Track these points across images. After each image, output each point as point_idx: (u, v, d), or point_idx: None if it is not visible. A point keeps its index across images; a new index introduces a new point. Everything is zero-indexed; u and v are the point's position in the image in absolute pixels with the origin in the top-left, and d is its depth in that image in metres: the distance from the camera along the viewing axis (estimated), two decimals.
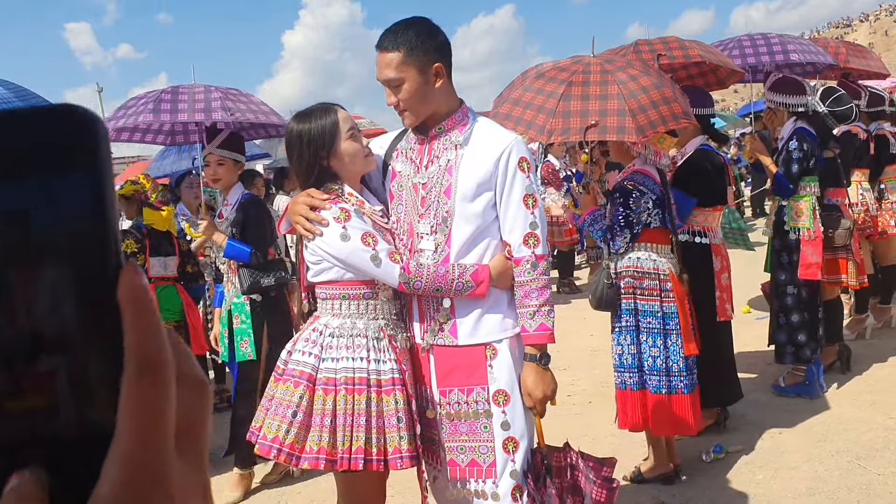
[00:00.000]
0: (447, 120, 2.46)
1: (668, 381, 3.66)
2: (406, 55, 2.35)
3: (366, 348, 2.43)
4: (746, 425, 4.51)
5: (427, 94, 2.40)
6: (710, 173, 4.26)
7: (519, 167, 2.40)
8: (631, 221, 3.65)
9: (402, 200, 2.54)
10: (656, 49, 4.56)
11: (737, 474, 3.94)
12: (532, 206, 2.41)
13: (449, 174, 2.43)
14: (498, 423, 2.46)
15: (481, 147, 2.42)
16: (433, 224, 2.45)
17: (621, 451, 4.14)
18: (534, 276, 2.41)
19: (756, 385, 5.18)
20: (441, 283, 2.38)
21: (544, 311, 2.41)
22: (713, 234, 4.34)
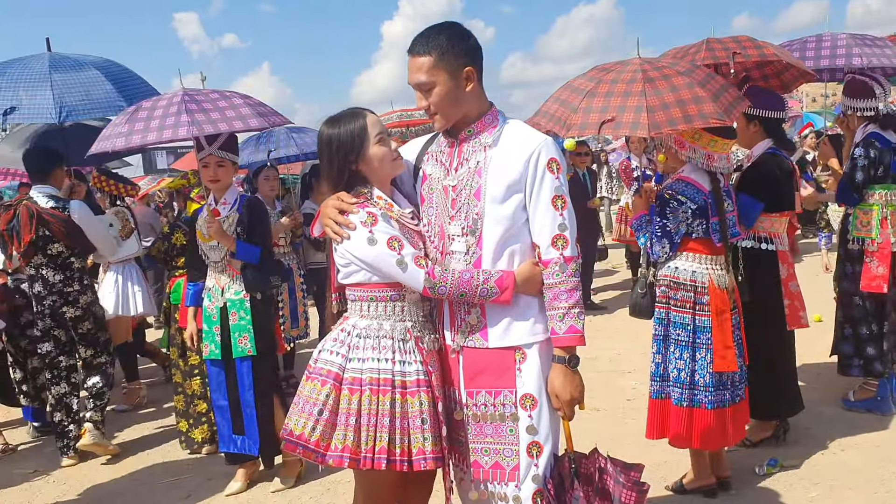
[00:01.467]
0: (477, 122, 2.49)
1: (691, 394, 3.59)
2: (437, 59, 2.39)
3: (391, 349, 2.47)
4: (807, 439, 4.36)
5: (458, 98, 2.43)
6: (777, 178, 4.12)
7: (548, 168, 2.40)
8: (669, 231, 3.59)
9: (432, 203, 2.56)
10: (729, 47, 4.43)
11: (789, 490, 3.82)
12: (561, 207, 2.41)
13: (479, 176, 2.45)
14: (524, 427, 2.47)
15: (510, 148, 2.43)
16: (464, 226, 2.47)
17: (672, 459, 4.09)
18: (562, 279, 2.41)
19: (824, 398, 4.99)
20: (466, 288, 2.40)
21: (574, 313, 2.41)
22: (780, 241, 4.20)
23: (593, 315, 8.16)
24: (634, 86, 3.38)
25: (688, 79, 3.41)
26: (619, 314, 7.86)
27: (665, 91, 3.34)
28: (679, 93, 3.33)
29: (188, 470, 4.80)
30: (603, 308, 8.45)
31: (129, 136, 4.07)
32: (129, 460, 5.04)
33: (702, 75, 3.50)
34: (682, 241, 3.63)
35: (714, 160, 3.59)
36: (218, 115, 4.02)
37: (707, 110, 3.28)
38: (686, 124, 3.28)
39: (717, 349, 3.55)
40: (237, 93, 4.39)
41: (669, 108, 3.28)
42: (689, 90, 3.34)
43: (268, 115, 4.24)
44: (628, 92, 3.36)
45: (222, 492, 4.34)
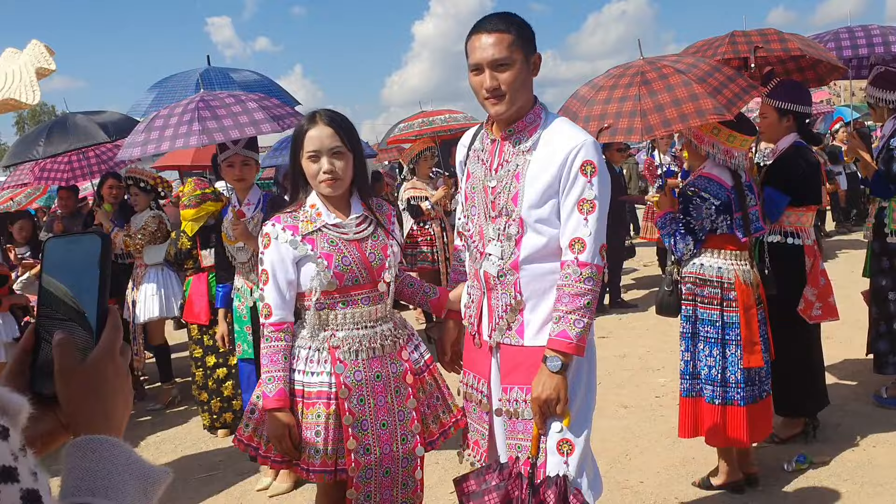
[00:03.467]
0: (518, 122, 2.45)
1: (723, 391, 3.58)
2: (517, 37, 2.36)
3: (303, 359, 2.59)
4: (837, 436, 4.31)
5: (525, 82, 2.40)
6: (803, 171, 4.08)
7: (581, 171, 2.34)
8: (693, 228, 3.58)
9: (474, 202, 2.57)
10: (753, 41, 4.39)
11: (819, 486, 3.79)
12: (587, 211, 2.35)
13: (517, 181, 2.42)
14: (554, 425, 2.44)
15: (549, 151, 2.39)
16: (500, 230, 2.45)
17: (700, 455, 4.08)
18: (569, 282, 2.35)
19: (857, 394, 4.94)
20: (263, 370, 2.62)
21: (570, 318, 2.33)
22: (806, 235, 4.17)
23: (623, 313, 8.14)
24: (631, 90, 3.42)
25: (685, 76, 3.40)
26: (650, 312, 7.79)
27: (661, 92, 3.35)
28: (674, 92, 3.33)
29: (220, 465, 4.88)
30: (633, 306, 8.40)
31: (144, 146, 4.12)
32: (163, 457, 5.15)
33: (704, 69, 3.49)
34: (706, 237, 3.62)
35: (733, 156, 3.58)
36: (230, 121, 4.00)
37: (705, 106, 3.27)
38: (682, 123, 3.28)
39: (746, 345, 3.54)
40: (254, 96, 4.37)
41: (664, 108, 3.30)
42: (686, 88, 3.34)
43: (284, 117, 4.20)
44: (625, 97, 3.39)
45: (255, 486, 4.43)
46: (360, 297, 2.58)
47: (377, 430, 2.57)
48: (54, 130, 6.08)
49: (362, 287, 2.58)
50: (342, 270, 2.52)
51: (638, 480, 4.01)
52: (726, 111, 3.32)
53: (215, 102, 4.12)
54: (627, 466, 4.17)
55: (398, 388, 2.63)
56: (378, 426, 2.57)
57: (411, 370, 2.68)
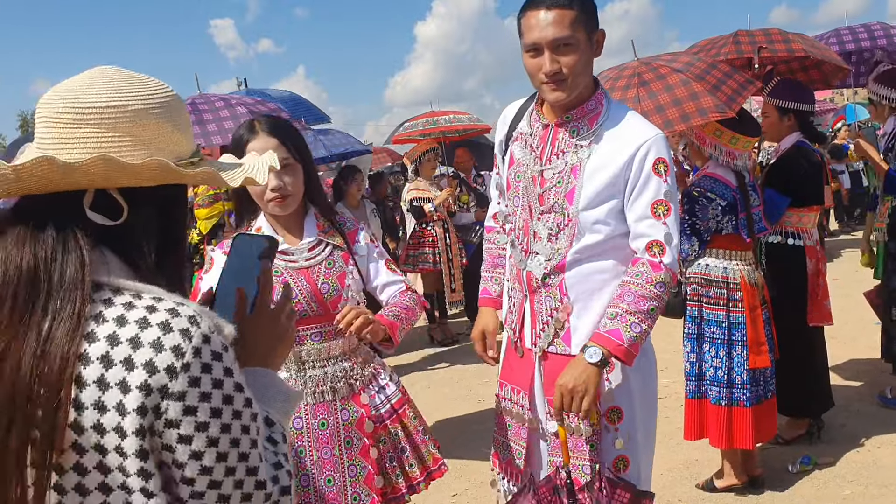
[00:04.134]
0: (577, 108, 2.18)
1: (729, 392, 3.56)
2: (580, 13, 2.07)
3: None
4: (842, 437, 4.29)
5: (588, 64, 2.13)
6: (805, 171, 4.05)
7: (654, 170, 2.11)
8: (698, 229, 3.56)
9: (518, 193, 2.29)
10: (757, 41, 4.37)
11: (823, 488, 3.77)
12: (663, 213, 2.12)
13: (573, 176, 2.16)
14: (609, 443, 2.25)
15: (613, 145, 2.14)
16: (551, 229, 2.21)
17: (703, 457, 4.06)
18: (639, 281, 2.11)
19: (862, 395, 4.91)
20: None
21: (628, 319, 2.08)
22: (808, 236, 4.14)
23: None
24: (629, 92, 3.39)
25: (683, 75, 3.39)
26: None
27: (660, 92, 3.33)
28: (674, 91, 3.31)
29: None
30: None
31: None
32: None
33: (701, 67, 3.48)
34: (711, 238, 3.60)
35: (735, 157, 3.56)
36: (215, 126, 3.96)
37: (706, 105, 3.26)
38: (684, 123, 3.27)
39: (752, 346, 3.53)
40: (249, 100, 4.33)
41: (665, 109, 3.28)
42: (685, 87, 3.32)
43: None
44: (623, 100, 3.36)
45: None
46: (310, 332, 2.24)
47: (321, 487, 2.23)
48: None
49: (311, 321, 2.24)
50: None
51: None
52: (727, 108, 3.30)
53: (204, 106, 4.08)
54: None
55: (350, 439, 2.27)
56: (322, 483, 2.24)
57: (369, 416, 2.31)
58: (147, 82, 1.12)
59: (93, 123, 1.05)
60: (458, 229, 7.57)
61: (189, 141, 1.17)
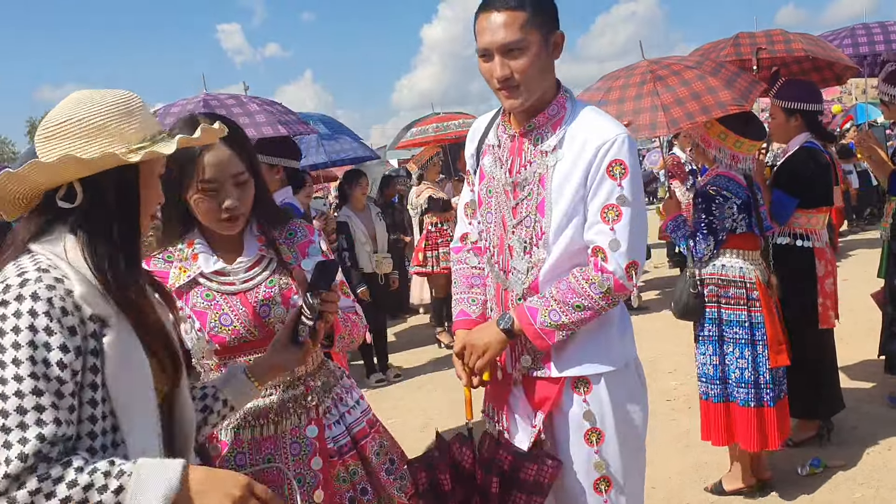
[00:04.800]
0: (540, 115, 2.09)
1: (756, 393, 3.53)
2: (533, 15, 1.96)
3: None
4: (853, 439, 4.26)
5: (544, 68, 2.03)
6: (813, 172, 4.03)
7: (608, 172, 2.00)
8: (714, 228, 3.53)
9: (491, 208, 2.21)
10: (757, 42, 4.36)
11: (833, 490, 3.74)
12: (612, 220, 2.00)
13: (542, 186, 2.07)
14: (590, 464, 2.16)
15: (577, 150, 2.04)
16: (526, 242, 2.12)
17: (712, 460, 4.04)
18: (577, 276, 2.03)
19: (872, 397, 4.87)
20: None
21: (551, 305, 2.03)
22: (817, 237, 4.11)
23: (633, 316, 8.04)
24: (645, 87, 3.37)
25: (698, 71, 3.39)
26: (660, 314, 7.77)
27: (677, 86, 3.32)
28: (691, 86, 3.31)
29: None
30: (644, 308, 8.35)
31: None
32: None
33: (711, 66, 3.48)
34: (726, 237, 3.58)
35: (739, 160, 3.54)
36: None
37: (724, 98, 3.25)
38: (704, 115, 3.25)
39: (773, 345, 3.51)
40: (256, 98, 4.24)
41: (685, 102, 3.26)
42: (702, 81, 3.32)
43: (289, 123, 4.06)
44: (640, 94, 3.34)
45: None
46: (253, 357, 1.95)
47: None
48: None
49: (253, 345, 1.96)
50: (219, 332, 1.93)
51: (650, 486, 3.94)
52: (744, 101, 3.30)
53: (214, 103, 3.98)
54: None
55: (301, 476, 1.99)
56: None
57: (321, 452, 2.02)
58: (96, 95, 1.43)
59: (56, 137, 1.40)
60: None
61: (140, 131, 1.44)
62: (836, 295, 4.18)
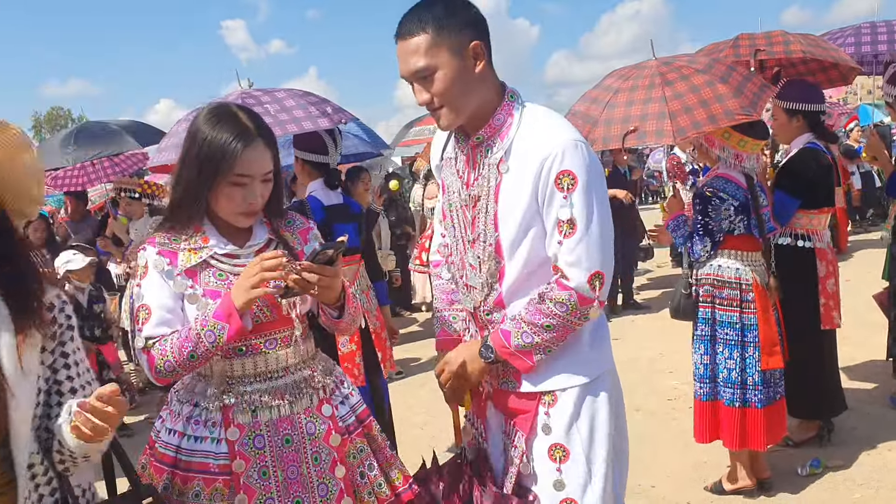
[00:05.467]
0: (486, 126, 2.00)
1: (742, 394, 3.56)
2: (435, 35, 1.88)
3: (184, 419, 2.02)
4: (853, 440, 4.26)
5: (466, 82, 1.92)
6: (814, 173, 4.03)
7: (556, 184, 1.89)
8: (711, 229, 3.55)
9: (453, 223, 2.15)
10: (757, 44, 4.36)
11: (833, 491, 3.75)
12: (565, 233, 1.92)
13: (494, 200, 2.00)
14: (549, 482, 2.07)
15: (524, 160, 1.95)
16: (481, 258, 2.06)
17: (712, 460, 4.05)
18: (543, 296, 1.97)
19: (873, 397, 4.88)
20: (189, 345, 1.88)
21: (522, 327, 1.98)
22: (818, 238, 4.11)
23: (635, 314, 8.10)
24: (654, 91, 3.36)
25: (707, 76, 3.37)
26: (661, 314, 7.77)
27: (686, 93, 3.31)
28: (700, 93, 3.29)
29: None
30: (646, 307, 8.36)
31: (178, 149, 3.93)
32: None
33: (721, 70, 3.47)
34: (723, 238, 3.59)
35: (743, 160, 3.55)
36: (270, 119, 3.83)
37: (731, 107, 3.24)
38: (712, 125, 3.24)
39: (765, 347, 3.52)
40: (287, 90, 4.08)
41: (692, 110, 3.25)
42: (711, 88, 3.30)
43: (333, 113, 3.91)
44: (648, 98, 3.33)
45: None
46: (264, 340, 2.02)
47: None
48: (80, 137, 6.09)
49: (263, 328, 2.02)
50: None
51: (650, 485, 3.98)
52: (752, 111, 3.28)
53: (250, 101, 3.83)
54: (639, 470, 4.12)
55: (318, 454, 2.04)
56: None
57: (336, 429, 2.09)
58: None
59: None
60: None
61: None
62: (838, 295, 4.18)
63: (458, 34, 1.89)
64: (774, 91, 3.69)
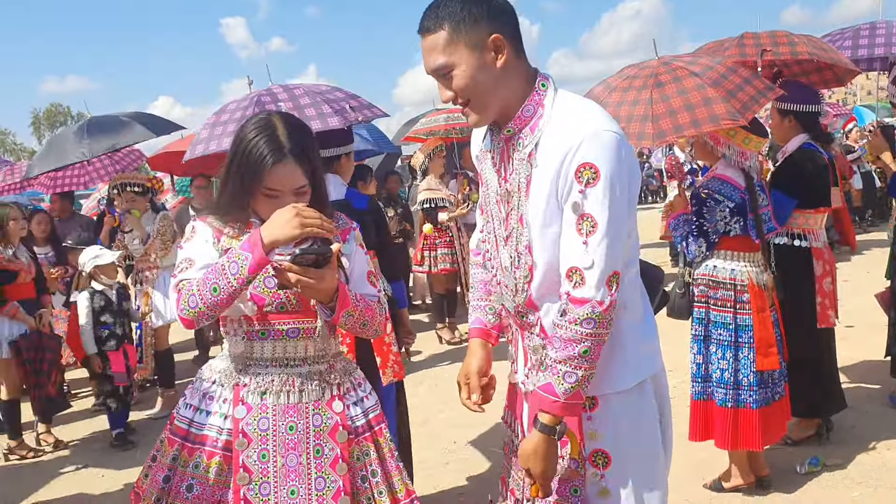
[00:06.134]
0: (516, 118, 1.90)
1: (735, 394, 3.57)
2: (452, 32, 1.82)
3: (199, 394, 2.12)
4: (852, 438, 4.27)
5: (490, 78, 1.85)
6: (811, 173, 4.05)
7: (576, 177, 1.79)
8: (705, 230, 3.56)
9: (490, 217, 2.09)
10: (762, 43, 4.36)
11: (831, 489, 3.76)
12: (587, 232, 1.80)
13: (525, 196, 1.91)
14: (594, 490, 1.98)
15: (553, 150, 1.84)
16: (512, 257, 1.99)
17: (711, 457, 4.04)
18: (563, 322, 1.83)
19: (872, 396, 4.89)
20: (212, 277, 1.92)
21: (559, 370, 1.82)
22: (814, 237, 4.13)
23: None
24: (643, 93, 3.38)
25: (699, 79, 3.37)
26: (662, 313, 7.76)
27: (673, 96, 3.33)
28: (688, 96, 3.31)
29: None
30: None
31: (207, 143, 3.89)
32: None
33: (720, 71, 3.45)
34: (719, 239, 3.60)
35: (747, 157, 3.56)
36: None
37: (718, 111, 3.24)
38: (694, 129, 3.26)
39: (760, 348, 3.53)
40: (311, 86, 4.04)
41: (676, 113, 3.27)
42: (700, 92, 3.31)
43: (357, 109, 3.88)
44: (637, 100, 3.35)
45: None
46: (287, 328, 2.07)
47: (283, 498, 2.01)
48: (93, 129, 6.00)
49: (288, 315, 2.06)
50: (261, 292, 2.02)
51: None
52: (740, 116, 3.27)
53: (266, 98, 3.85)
54: None
55: (320, 447, 2.06)
56: (285, 493, 2.01)
57: (344, 426, 2.10)
58: None
59: None
60: (470, 229, 7.61)
61: None
62: (834, 294, 4.19)
63: (475, 29, 1.82)
64: (777, 93, 3.68)
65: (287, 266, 1.90)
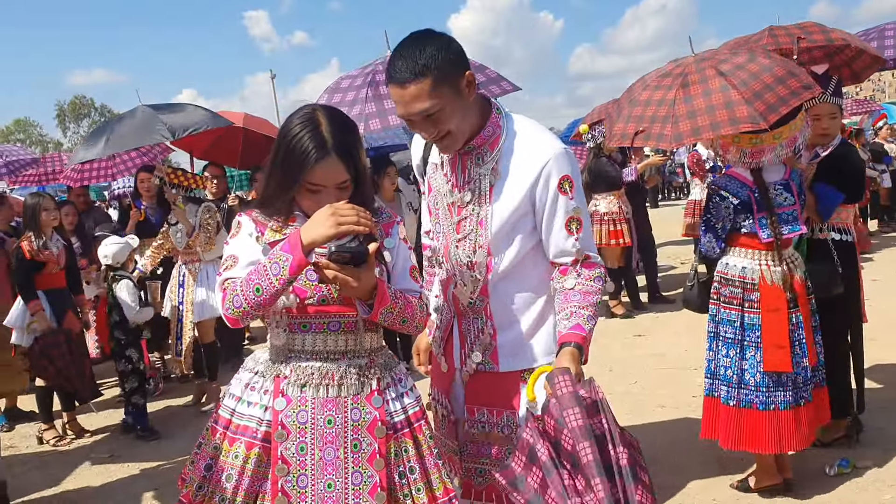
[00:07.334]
0: (476, 137, 2.19)
1: (738, 393, 3.54)
2: (438, 78, 2.01)
3: (242, 384, 2.15)
4: (882, 439, 4.21)
5: (466, 111, 2.13)
6: (858, 168, 4.05)
7: (560, 189, 2.15)
8: (713, 225, 3.58)
9: (439, 219, 2.35)
10: (792, 33, 4.28)
11: (861, 491, 3.70)
12: (576, 229, 2.19)
13: (483, 204, 2.21)
14: None
15: (516, 167, 2.17)
16: (469, 257, 2.25)
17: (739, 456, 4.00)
18: (581, 280, 2.19)
19: None
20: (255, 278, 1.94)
21: (583, 314, 2.13)
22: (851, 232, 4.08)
23: (660, 311, 8.05)
24: (669, 93, 3.38)
25: (725, 80, 3.30)
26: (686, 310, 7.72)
27: (697, 97, 3.30)
28: (710, 98, 3.27)
29: None
30: (671, 302, 8.30)
31: None
32: None
33: (751, 71, 3.33)
34: (732, 235, 3.59)
35: (764, 153, 3.46)
36: None
37: (739, 114, 3.17)
38: (713, 132, 3.23)
39: (767, 348, 3.47)
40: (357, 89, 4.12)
41: (696, 116, 3.24)
42: (723, 94, 3.25)
43: None
44: (662, 100, 3.35)
45: None
46: (328, 322, 2.08)
47: (320, 491, 2.03)
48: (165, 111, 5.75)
49: (331, 309, 2.07)
50: (303, 285, 2.04)
51: (675, 481, 3.95)
52: (762, 119, 3.17)
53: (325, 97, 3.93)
54: (665, 467, 4.11)
55: (358, 442, 2.06)
56: (322, 487, 2.03)
57: (383, 421, 2.10)
58: None
59: None
60: None
61: None
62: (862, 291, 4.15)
63: (454, 72, 2.05)
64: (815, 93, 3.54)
65: (324, 263, 1.89)
